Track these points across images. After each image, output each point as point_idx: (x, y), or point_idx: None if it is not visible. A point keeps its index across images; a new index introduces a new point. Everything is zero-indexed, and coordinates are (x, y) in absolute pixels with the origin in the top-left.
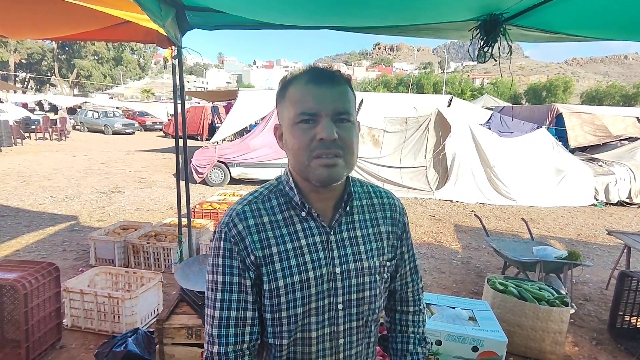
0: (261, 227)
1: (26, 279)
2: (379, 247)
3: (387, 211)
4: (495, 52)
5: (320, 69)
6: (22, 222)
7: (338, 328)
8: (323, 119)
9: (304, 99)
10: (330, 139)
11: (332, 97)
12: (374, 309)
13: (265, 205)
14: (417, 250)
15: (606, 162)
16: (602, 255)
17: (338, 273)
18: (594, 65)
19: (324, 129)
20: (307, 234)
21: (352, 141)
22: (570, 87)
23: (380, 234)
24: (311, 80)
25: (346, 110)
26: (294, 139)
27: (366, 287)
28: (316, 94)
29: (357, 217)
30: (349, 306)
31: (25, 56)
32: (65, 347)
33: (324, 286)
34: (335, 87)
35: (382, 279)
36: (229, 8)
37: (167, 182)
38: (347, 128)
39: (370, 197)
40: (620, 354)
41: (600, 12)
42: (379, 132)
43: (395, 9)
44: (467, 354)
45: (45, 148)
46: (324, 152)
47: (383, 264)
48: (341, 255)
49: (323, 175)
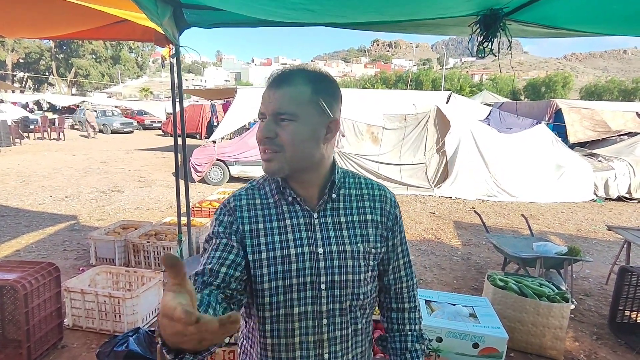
0: (252, 206)
1: (26, 279)
2: (364, 234)
3: (377, 202)
4: (495, 47)
5: (280, 72)
6: (22, 222)
7: (321, 308)
8: (266, 119)
9: (261, 101)
10: (261, 138)
11: (275, 99)
12: (359, 294)
13: (260, 191)
14: (417, 247)
15: (606, 157)
16: (602, 250)
17: (320, 253)
18: (593, 61)
19: (259, 129)
20: (292, 215)
21: (289, 139)
22: (569, 82)
23: (366, 222)
24: (268, 84)
25: (285, 111)
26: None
27: (349, 271)
28: (265, 97)
29: (342, 204)
30: (331, 287)
31: (23, 55)
32: (67, 347)
33: (306, 264)
34: (280, 90)
35: (367, 266)
36: (226, 5)
37: (167, 181)
38: (285, 127)
39: (361, 188)
40: (621, 348)
41: (600, 7)
42: (378, 129)
43: (395, 3)
44: (468, 351)
45: (44, 148)
46: (261, 148)
47: (368, 251)
48: (324, 237)
49: (264, 167)
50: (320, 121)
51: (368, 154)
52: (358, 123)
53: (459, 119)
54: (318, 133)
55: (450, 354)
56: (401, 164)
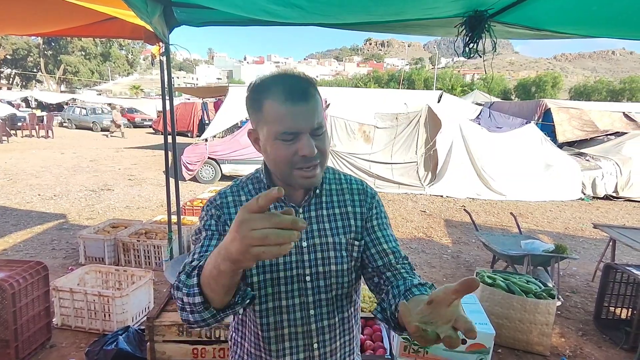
0: (238, 202)
1: (14, 278)
2: (346, 225)
3: (356, 194)
4: (481, 48)
5: (292, 83)
6: (10, 221)
7: (308, 299)
8: (303, 136)
9: (283, 119)
10: (312, 155)
11: (309, 115)
12: (343, 283)
13: (244, 190)
14: (408, 245)
15: (593, 156)
16: (588, 248)
17: (305, 247)
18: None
19: (305, 147)
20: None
21: (326, 148)
22: (559, 82)
23: (347, 214)
24: (288, 99)
25: (320, 123)
26: (276, 152)
27: (332, 262)
28: (294, 114)
29: (324, 198)
30: (316, 278)
31: (10, 52)
32: (56, 346)
33: (292, 257)
34: (310, 103)
35: (349, 256)
36: (216, 4)
37: (157, 180)
38: (322, 138)
39: (340, 183)
40: (605, 343)
41: (581, 9)
42: (370, 128)
43: (381, 3)
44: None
45: (33, 145)
46: (305, 166)
47: (351, 243)
48: (307, 230)
49: (305, 184)
50: (325, 123)
51: (360, 153)
52: (350, 122)
53: (450, 118)
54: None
55: (438, 350)
56: (393, 162)
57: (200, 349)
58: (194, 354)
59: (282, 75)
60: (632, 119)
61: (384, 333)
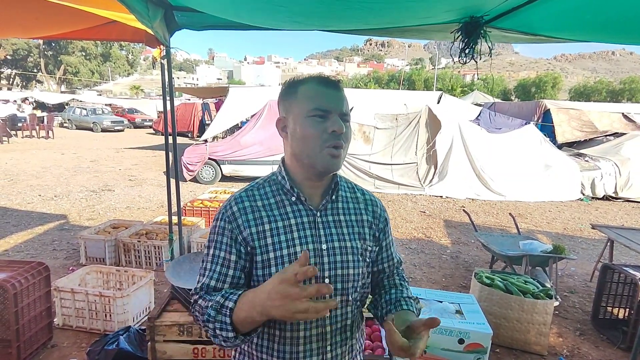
0: (255, 208)
1: (16, 278)
2: (360, 232)
3: (369, 205)
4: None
5: (325, 76)
6: (10, 222)
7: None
8: (334, 115)
9: (317, 97)
10: (341, 132)
11: (339, 100)
12: (356, 287)
13: (260, 192)
14: (407, 245)
15: (592, 157)
16: (587, 248)
17: (324, 249)
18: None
19: (335, 123)
20: (296, 214)
21: (350, 137)
22: (558, 83)
23: (362, 221)
24: (322, 83)
25: (348, 112)
26: (307, 129)
27: (350, 265)
28: (328, 94)
29: (341, 204)
30: (334, 281)
31: (10, 52)
32: (57, 346)
33: (310, 260)
34: (340, 92)
35: (363, 261)
36: (217, 11)
37: (158, 180)
38: (348, 126)
39: (354, 192)
40: (603, 343)
41: (580, 14)
42: (369, 129)
43: (376, 13)
44: (454, 346)
45: (33, 146)
46: (334, 143)
47: (365, 248)
48: (326, 234)
49: (329, 163)
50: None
51: (360, 154)
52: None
53: (450, 119)
54: None
55: (437, 350)
56: (392, 163)
57: (201, 349)
58: (195, 353)
59: (317, 74)
60: (631, 120)
61: (383, 333)
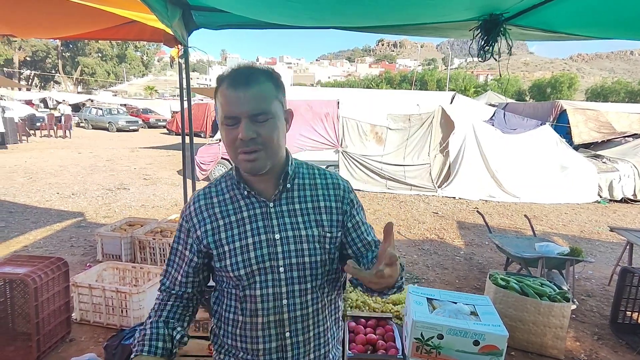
0: (209, 205)
1: (36, 273)
2: (318, 219)
3: (330, 189)
4: (496, 50)
5: (239, 71)
6: (30, 219)
7: (281, 290)
8: (242, 121)
9: (226, 104)
10: (247, 139)
11: (248, 100)
12: (317, 275)
13: (217, 188)
14: (420, 246)
15: (610, 158)
16: (605, 251)
17: (277, 239)
18: (599, 62)
19: (241, 131)
20: (249, 207)
21: (271, 136)
22: (575, 83)
23: (319, 208)
24: (230, 85)
25: (262, 110)
26: (224, 137)
27: (305, 253)
28: (234, 99)
29: (297, 193)
30: (289, 270)
31: (30, 54)
32: (75, 340)
33: (263, 250)
34: (250, 90)
35: (323, 248)
36: (233, 8)
37: (172, 179)
38: (265, 125)
39: (314, 177)
40: (621, 348)
41: (600, 11)
42: (382, 130)
43: (397, 9)
44: (469, 348)
45: (51, 145)
46: (243, 150)
47: (323, 235)
48: (280, 224)
49: (247, 167)
50: (282, 114)
51: (372, 154)
52: (362, 123)
53: (463, 119)
54: (284, 126)
55: (451, 351)
56: (405, 164)
57: None
58: (210, 349)
59: (237, 66)
60: None
61: (396, 333)
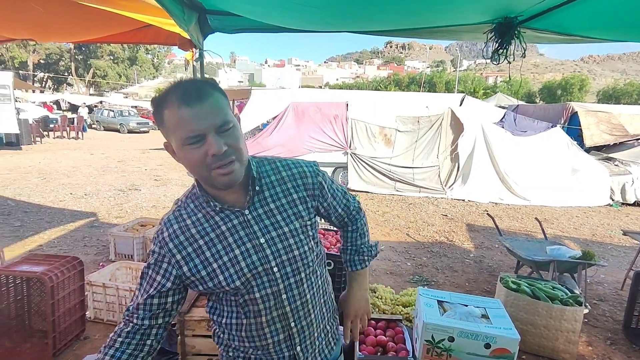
0: (185, 228)
1: (52, 272)
2: (296, 212)
3: (298, 179)
4: (510, 53)
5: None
6: (44, 218)
7: (278, 287)
8: (208, 136)
9: (183, 124)
10: (220, 153)
11: (207, 114)
12: (307, 263)
13: (187, 210)
14: (429, 249)
15: (623, 161)
16: (617, 255)
17: (263, 243)
18: (611, 63)
19: (212, 146)
20: (226, 220)
21: (238, 144)
22: (586, 85)
23: (294, 201)
24: (183, 103)
25: (224, 120)
26: (188, 158)
27: (293, 248)
28: (192, 116)
29: (267, 193)
30: (282, 267)
31: (44, 56)
32: (89, 339)
33: (252, 257)
34: (205, 103)
35: (307, 237)
36: (249, 13)
37: (182, 180)
38: (230, 134)
39: (279, 172)
40: (635, 353)
41: (616, 14)
42: (391, 132)
43: (411, 13)
44: (480, 351)
45: (64, 146)
46: (219, 164)
47: (305, 224)
48: (261, 227)
49: (225, 181)
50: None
51: (381, 156)
52: (371, 125)
53: (473, 121)
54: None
55: (462, 354)
56: (414, 166)
57: None
58: None
59: (176, 83)
60: None
61: (406, 335)
